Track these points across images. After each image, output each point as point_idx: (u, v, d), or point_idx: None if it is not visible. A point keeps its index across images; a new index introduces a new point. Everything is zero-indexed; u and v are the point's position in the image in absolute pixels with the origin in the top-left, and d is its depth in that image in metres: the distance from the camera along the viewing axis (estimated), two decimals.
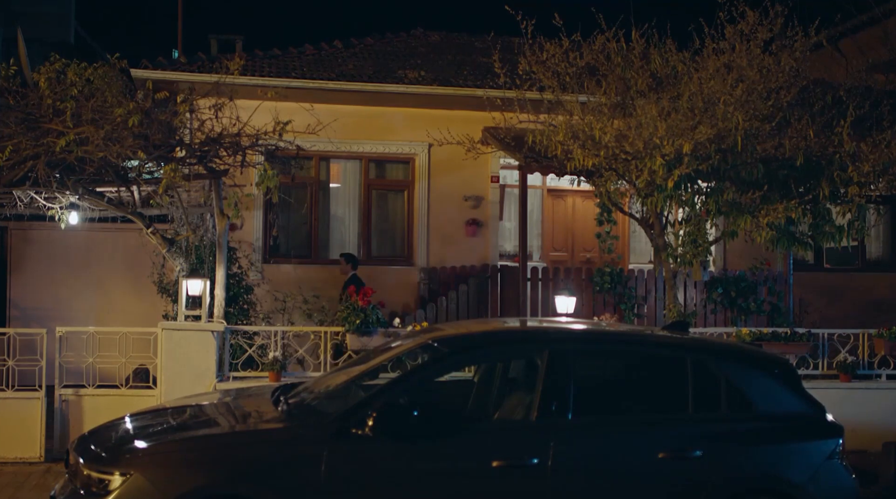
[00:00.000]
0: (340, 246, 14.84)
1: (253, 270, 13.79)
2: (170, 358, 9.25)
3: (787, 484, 6.11)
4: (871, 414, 10.39)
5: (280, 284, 13.82)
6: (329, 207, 14.92)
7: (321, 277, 14.17)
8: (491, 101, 11.61)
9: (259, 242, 14.21)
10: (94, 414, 9.08)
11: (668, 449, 5.96)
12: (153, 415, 6.58)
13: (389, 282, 14.44)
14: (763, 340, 10.28)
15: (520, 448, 5.80)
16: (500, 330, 6.78)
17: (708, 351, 6.47)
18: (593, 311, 13.16)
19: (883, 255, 16.65)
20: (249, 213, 14.08)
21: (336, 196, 15.01)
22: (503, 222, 15.65)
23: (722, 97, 9.96)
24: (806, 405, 6.40)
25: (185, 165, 8.81)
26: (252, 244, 14.08)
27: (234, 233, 13.93)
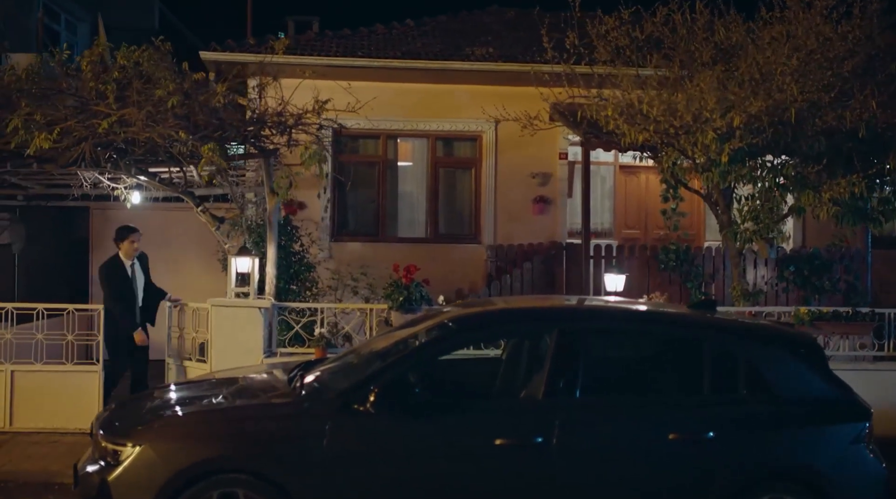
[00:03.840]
0: (408, 224, 14.93)
1: (320, 248, 14.00)
2: (219, 334, 9.48)
3: (807, 469, 5.90)
4: None
5: (347, 261, 13.97)
6: (397, 185, 15.00)
7: (387, 255, 14.25)
8: (557, 76, 11.43)
9: (326, 220, 14.38)
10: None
11: (679, 431, 5.81)
12: (176, 388, 6.76)
13: (457, 260, 14.49)
14: (823, 320, 9.92)
15: (524, 427, 5.74)
16: (511, 309, 6.70)
17: (726, 331, 6.28)
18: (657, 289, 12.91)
19: None
20: (316, 192, 14.29)
21: (404, 174, 15.08)
22: (573, 200, 15.44)
23: (778, 68, 9.61)
24: (831, 387, 6.14)
25: (230, 144, 8.95)
26: (319, 223, 14.27)
27: (302, 211, 14.18)
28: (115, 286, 9.59)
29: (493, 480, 5.72)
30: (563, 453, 5.71)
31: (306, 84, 13.72)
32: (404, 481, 5.68)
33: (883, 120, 9.78)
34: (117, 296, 9.55)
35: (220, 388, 6.59)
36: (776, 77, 9.63)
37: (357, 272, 12.08)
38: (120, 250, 9.78)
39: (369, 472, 5.67)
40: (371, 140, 14.89)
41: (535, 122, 11.72)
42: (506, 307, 6.76)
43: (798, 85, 9.38)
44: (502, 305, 6.88)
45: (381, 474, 5.67)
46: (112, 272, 9.67)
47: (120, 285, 9.64)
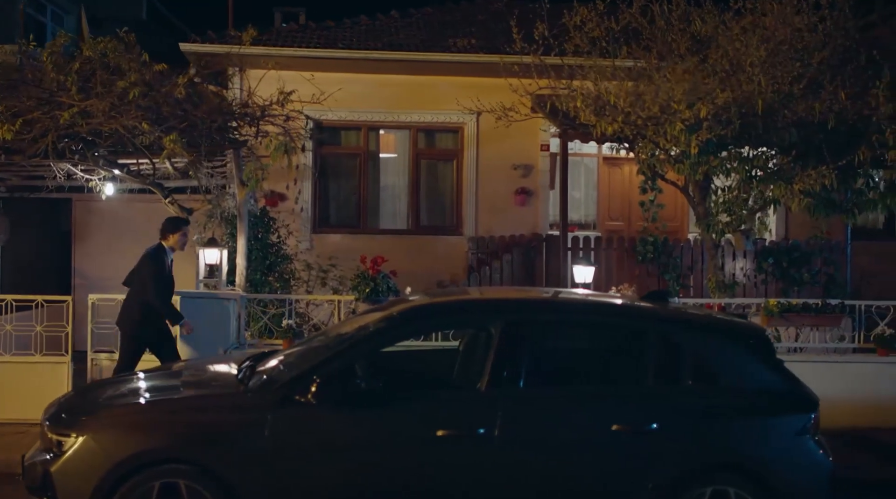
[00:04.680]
0: (390, 216, 14.94)
1: (301, 240, 14.03)
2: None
3: (751, 461, 5.88)
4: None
5: (329, 253, 13.99)
6: (378, 176, 15.01)
7: (369, 247, 14.25)
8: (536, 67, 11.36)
9: (308, 212, 14.39)
10: None
11: (622, 422, 5.79)
12: (133, 378, 6.77)
13: (438, 251, 14.51)
14: (792, 312, 9.93)
15: (467, 418, 5.73)
16: (456, 301, 6.69)
17: (672, 322, 6.27)
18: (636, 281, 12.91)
19: None
20: (298, 183, 14.33)
21: (385, 166, 15.08)
22: (555, 191, 15.41)
23: (748, 59, 9.58)
24: (777, 378, 6.12)
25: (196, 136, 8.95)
26: (301, 214, 14.29)
27: (283, 203, 14.24)
28: (160, 278, 8.96)
29: (435, 471, 5.72)
30: (506, 444, 5.70)
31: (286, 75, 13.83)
32: (346, 472, 5.68)
33: (854, 111, 9.74)
34: (160, 288, 8.90)
35: (172, 378, 6.61)
36: (746, 68, 9.60)
37: (326, 264, 12.07)
38: (167, 241, 9.16)
39: (311, 463, 5.67)
40: (353, 132, 14.90)
41: (510, 114, 11.67)
42: (452, 299, 6.75)
43: (766, 76, 9.34)
44: (450, 297, 6.86)
45: (322, 465, 5.67)
46: (160, 264, 9.03)
47: (165, 277, 9.05)
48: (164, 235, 9.17)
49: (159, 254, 9.09)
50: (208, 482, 5.59)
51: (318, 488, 5.68)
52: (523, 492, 5.77)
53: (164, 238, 9.16)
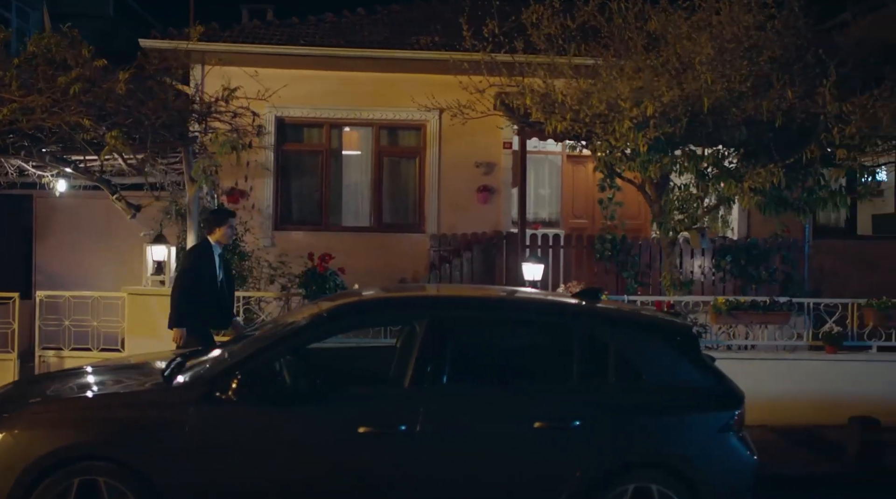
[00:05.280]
0: (352, 213, 14.93)
1: (263, 237, 14.01)
2: (134, 322, 9.49)
3: (672, 457, 5.89)
4: (857, 387, 9.97)
5: (291, 250, 13.96)
6: (341, 174, 14.98)
7: (331, 245, 14.23)
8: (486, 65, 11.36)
9: (270, 209, 14.37)
10: None
11: (545, 419, 5.80)
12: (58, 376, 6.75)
13: (401, 249, 14.50)
14: (740, 310, 9.99)
15: (388, 415, 5.73)
16: (382, 298, 6.68)
17: (597, 319, 6.27)
18: (594, 279, 12.95)
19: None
20: (260, 180, 14.31)
21: (348, 163, 15.06)
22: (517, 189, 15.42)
23: (697, 57, 9.61)
24: (703, 375, 6.14)
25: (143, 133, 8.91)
26: (263, 211, 14.27)
27: (244, 200, 14.20)
28: (189, 273, 8.52)
29: (357, 468, 5.71)
30: (427, 441, 5.70)
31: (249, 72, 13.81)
32: (266, 470, 5.67)
33: (802, 110, 9.78)
34: (192, 285, 8.44)
35: (103, 375, 6.59)
36: (695, 66, 9.62)
37: (277, 262, 12.05)
38: (212, 236, 8.75)
39: (231, 460, 5.65)
40: (315, 129, 14.88)
41: (465, 111, 11.66)
42: (379, 297, 6.74)
43: (713, 74, 9.36)
44: (378, 295, 6.85)
45: (243, 463, 5.66)
46: (204, 261, 8.64)
47: (198, 274, 8.54)
48: (210, 229, 8.87)
49: (198, 250, 8.77)
50: (128, 479, 5.56)
51: (239, 485, 5.67)
52: (445, 489, 5.77)
53: (209, 232, 8.84)
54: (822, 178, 10.44)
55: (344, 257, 13.93)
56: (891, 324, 10.15)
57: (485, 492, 5.81)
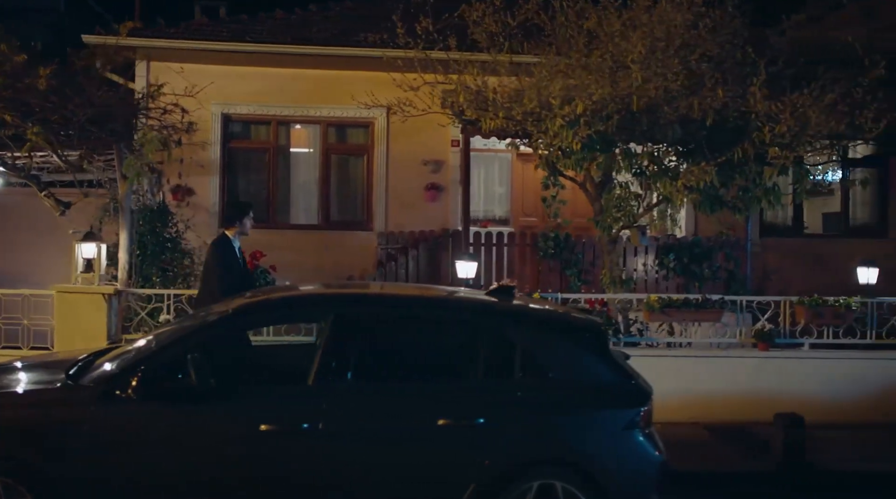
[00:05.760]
0: (300, 211, 14.89)
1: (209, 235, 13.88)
2: (63, 320, 9.41)
3: (577, 454, 5.90)
4: (789, 384, 10.05)
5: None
6: (289, 171, 14.93)
7: (278, 242, 14.19)
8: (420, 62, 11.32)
9: (216, 206, 14.29)
10: None
11: (449, 416, 5.80)
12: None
13: (349, 247, 14.46)
14: (672, 308, 10.02)
15: (291, 413, 5.71)
16: (288, 296, 6.65)
17: (505, 317, 6.28)
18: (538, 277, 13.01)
19: (869, 220, 15.99)
20: (206, 178, 14.24)
21: (296, 161, 15.01)
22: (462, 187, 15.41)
23: (629, 56, 9.63)
24: (610, 373, 6.15)
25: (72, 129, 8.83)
26: (209, 209, 14.20)
27: (191, 197, 14.14)
28: (227, 267, 8.40)
29: (259, 466, 5.68)
30: (331, 439, 5.70)
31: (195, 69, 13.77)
32: (167, 468, 5.63)
33: (734, 109, 9.83)
34: (226, 279, 8.28)
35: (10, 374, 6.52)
36: (628, 65, 9.65)
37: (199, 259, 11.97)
38: (230, 230, 8.71)
39: (132, 459, 5.62)
40: (262, 126, 14.81)
41: (407, 109, 11.63)
42: (286, 295, 6.72)
43: (645, 73, 9.40)
44: (286, 293, 6.83)
45: (143, 462, 5.62)
46: (228, 255, 8.50)
47: (232, 267, 8.50)
48: (228, 223, 8.82)
49: (221, 245, 8.64)
50: (27, 477, 5.52)
51: (138, 484, 5.63)
52: (349, 487, 5.76)
53: (227, 227, 8.80)
54: (757, 177, 10.48)
55: (292, 255, 13.95)
56: (822, 321, 10.23)
57: (388, 489, 5.80)
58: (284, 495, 5.72)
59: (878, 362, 10.27)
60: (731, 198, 10.76)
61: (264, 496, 5.71)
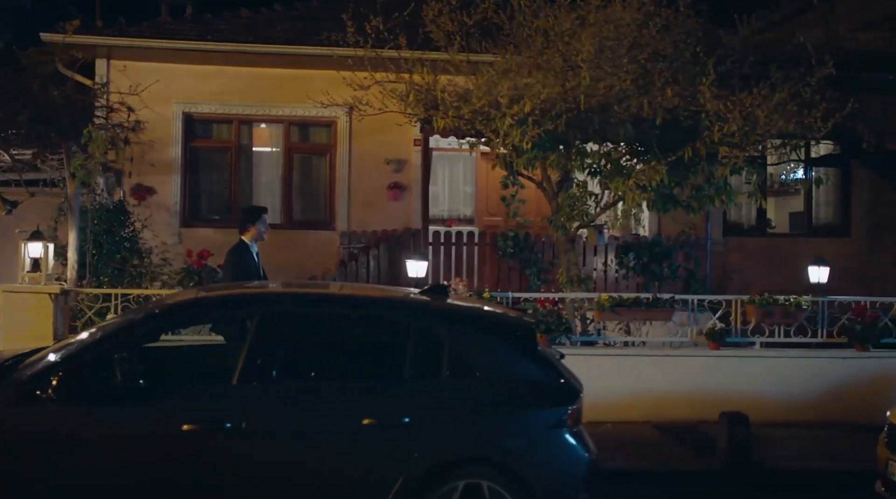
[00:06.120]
0: None
1: (169, 234, 13.89)
2: (9, 320, 9.37)
3: (503, 453, 5.88)
4: (740, 383, 10.06)
5: (199, 247, 13.84)
6: (251, 170, 14.89)
7: None
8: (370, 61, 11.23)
9: (177, 206, 14.23)
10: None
11: (374, 415, 5.77)
12: None
13: (311, 246, 14.44)
14: (623, 307, 10.03)
15: (213, 412, 5.68)
16: (214, 295, 6.63)
17: (434, 316, 6.25)
18: (497, 276, 13.01)
19: (832, 220, 16.05)
20: (167, 177, 14.19)
21: (258, 160, 14.98)
22: (431, 186, 15.37)
23: (579, 55, 9.64)
24: (539, 371, 6.12)
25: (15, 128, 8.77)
26: (170, 208, 14.15)
27: (152, 197, 14.08)
28: (246, 277, 8.28)
29: (182, 467, 5.65)
30: (254, 438, 5.66)
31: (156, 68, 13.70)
32: (88, 470, 5.59)
33: (684, 108, 9.84)
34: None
35: None
36: (579, 64, 9.65)
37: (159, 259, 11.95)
38: (246, 235, 8.62)
39: (52, 461, 5.57)
40: (224, 125, 14.77)
41: (363, 108, 11.59)
42: (210, 294, 6.68)
43: (594, 72, 9.40)
44: (215, 292, 6.80)
45: (64, 463, 5.57)
46: (245, 262, 8.40)
47: (250, 276, 8.38)
48: (243, 228, 8.68)
49: (239, 251, 8.54)
50: None
51: (59, 485, 5.58)
52: (272, 487, 5.73)
53: (243, 232, 8.66)
54: (710, 176, 10.50)
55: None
56: (772, 320, 10.26)
57: (313, 490, 5.79)
58: (207, 495, 5.70)
59: (828, 361, 10.30)
60: (685, 197, 10.78)
61: (187, 498, 5.68)
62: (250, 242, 8.61)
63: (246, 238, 8.62)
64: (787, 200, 16.82)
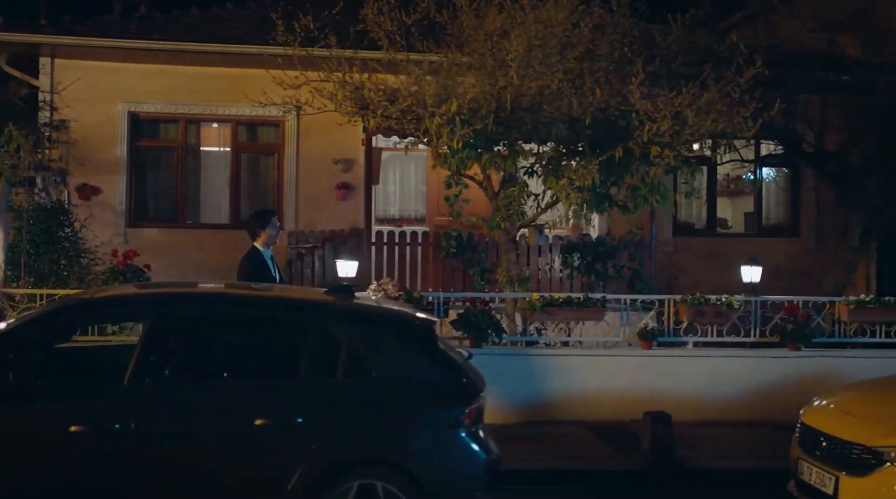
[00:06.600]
0: (210, 210, 14.78)
1: (115, 234, 13.81)
2: None
3: (398, 454, 5.86)
4: (671, 382, 10.06)
5: (145, 248, 13.77)
6: (199, 170, 14.79)
7: (187, 242, 14.14)
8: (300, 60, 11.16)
9: (123, 205, 14.14)
10: None
11: (266, 416, 5.74)
12: None
13: None
14: (554, 306, 10.01)
15: (103, 413, 5.65)
16: (110, 296, 6.57)
17: (330, 315, 6.23)
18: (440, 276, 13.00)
19: (782, 220, 16.10)
20: (113, 176, 14.10)
21: (206, 160, 14.88)
22: (378, 186, 15.35)
23: (509, 55, 9.63)
24: (438, 371, 6.10)
25: None
26: (115, 208, 14.06)
27: (97, 196, 14.00)
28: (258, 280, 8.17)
29: (70, 469, 5.61)
30: (144, 439, 5.63)
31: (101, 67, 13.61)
32: None
33: (616, 107, 9.85)
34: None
35: None
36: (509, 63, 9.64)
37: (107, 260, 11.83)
38: (258, 240, 8.51)
39: None
40: (171, 124, 14.67)
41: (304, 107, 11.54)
42: (107, 294, 6.63)
43: (521, 71, 9.39)
44: (110, 292, 6.75)
45: None
46: (259, 269, 8.32)
47: (265, 280, 8.29)
48: (254, 233, 8.57)
49: (252, 258, 8.44)
50: None
51: None
52: (163, 489, 5.70)
53: (254, 238, 8.54)
54: (645, 175, 10.51)
55: (200, 255, 13.90)
56: (704, 320, 10.26)
57: (205, 491, 5.75)
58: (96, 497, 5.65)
59: (760, 361, 10.30)
60: (622, 197, 10.79)
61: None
62: (262, 247, 8.52)
63: (258, 244, 8.52)
64: (743, 200, 16.87)
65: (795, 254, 15.23)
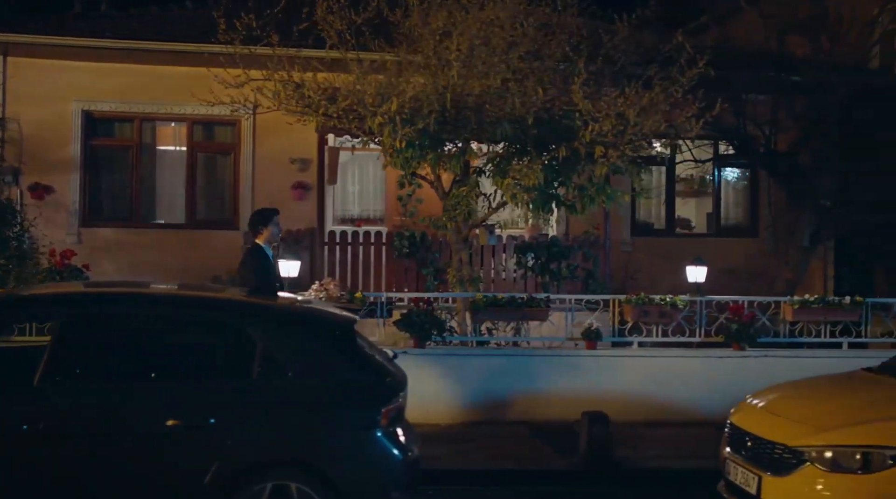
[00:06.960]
0: (165, 210, 14.70)
1: (68, 234, 13.72)
2: None
3: (311, 454, 5.82)
4: (616, 382, 10.07)
5: (99, 247, 13.72)
6: (154, 169, 14.71)
7: (142, 241, 14.06)
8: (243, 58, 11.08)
9: (76, 204, 14.05)
10: None
11: (178, 417, 5.69)
12: None
13: (215, 246, 14.25)
14: (497, 306, 9.99)
15: (10, 414, 5.59)
16: (15, 297, 6.53)
17: (245, 315, 6.19)
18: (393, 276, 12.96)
19: (741, 220, 16.15)
20: (66, 176, 14.01)
21: (161, 159, 14.80)
22: (336, 186, 15.30)
23: (452, 54, 9.60)
24: (356, 371, 6.06)
25: None
26: (69, 207, 13.96)
27: (50, 195, 13.90)
28: (264, 280, 8.13)
29: None
30: (53, 441, 5.57)
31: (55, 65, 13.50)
32: None
33: (559, 107, 9.84)
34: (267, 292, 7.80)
35: None
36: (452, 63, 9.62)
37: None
38: (260, 238, 8.45)
39: None
40: (126, 123, 14.58)
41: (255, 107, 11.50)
42: (14, 295, 6.59)
43: (463, 70, 9.36)
44: (21, 292, 6.69)
45: None
46: (262, 264, 8.30)
47: (268, 278, 8.26)
48: (256, 231, 8.50)
49: (255, 254, 8.40)
50: None
51: None
52: (73, 490, 5.65)
53: (256, 235, 8.49)
54: (592, 175, 10.50)
55: (155, 254, 13.83)
56: (648, 319, 10.28)
57: (117, 492, 5.70)
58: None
59: (704, 360, 10.32)
60: (570, 197, 10.78)
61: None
62: (264, 244, 8.51)
63: (260, 241, 8.49)
64: (704, 200, 16.90)
65: (754, 254, 15.24)
